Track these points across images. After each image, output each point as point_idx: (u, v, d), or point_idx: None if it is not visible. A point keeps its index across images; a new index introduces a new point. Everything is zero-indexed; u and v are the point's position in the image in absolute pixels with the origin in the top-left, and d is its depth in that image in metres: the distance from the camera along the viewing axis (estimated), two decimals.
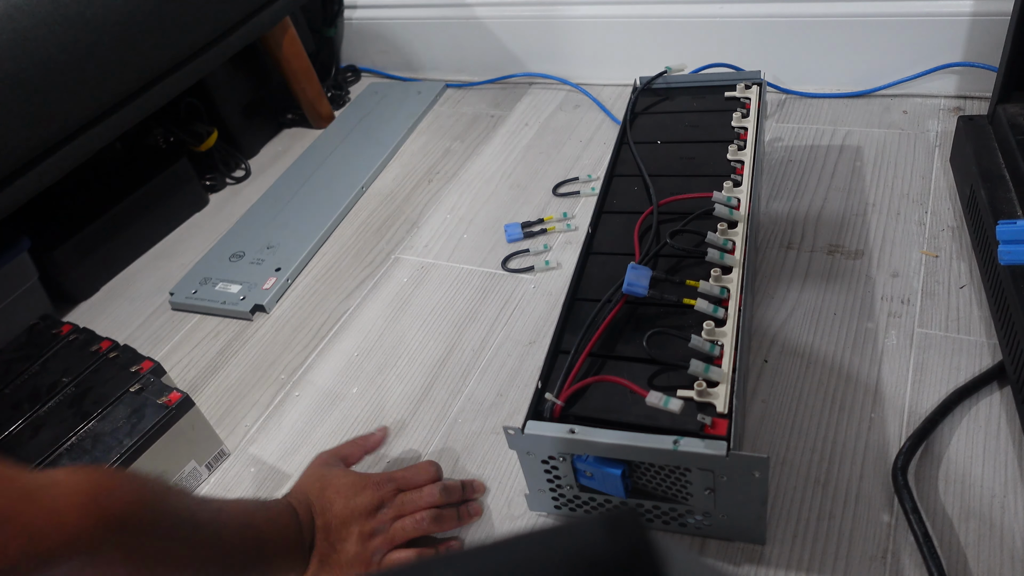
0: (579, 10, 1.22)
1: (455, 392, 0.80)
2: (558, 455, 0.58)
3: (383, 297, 0.95)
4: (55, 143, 0.88)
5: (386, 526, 0.63)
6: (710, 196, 0.72)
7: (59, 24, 0.83)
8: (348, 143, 1.26)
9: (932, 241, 0.83)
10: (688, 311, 0.62)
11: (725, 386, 0.56)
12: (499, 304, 0.89)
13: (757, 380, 0.73)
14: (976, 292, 0.76)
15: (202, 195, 1.22)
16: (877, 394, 0.70)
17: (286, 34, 1.25)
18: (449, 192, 1.11)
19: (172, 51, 0.99)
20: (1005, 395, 0.67)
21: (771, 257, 0.86)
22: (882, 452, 0.65)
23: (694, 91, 0.91)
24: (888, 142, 0.99)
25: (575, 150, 1.13)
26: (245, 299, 0.97)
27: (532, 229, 0.98)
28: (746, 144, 0.79)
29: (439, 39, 1.38)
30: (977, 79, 1.03)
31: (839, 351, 0.74)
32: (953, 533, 0.59)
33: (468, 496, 0.68)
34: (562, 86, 1.29)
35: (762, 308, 0.80)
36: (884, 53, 1.06)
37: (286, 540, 0.59)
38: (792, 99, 1.12)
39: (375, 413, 0.80)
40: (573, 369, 0.60)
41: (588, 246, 0.73)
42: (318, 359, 0.88)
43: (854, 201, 0.91)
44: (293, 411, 0.83)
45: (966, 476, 0.62)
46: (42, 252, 1.01)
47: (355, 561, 0.62)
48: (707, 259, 0.66)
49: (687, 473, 0.56)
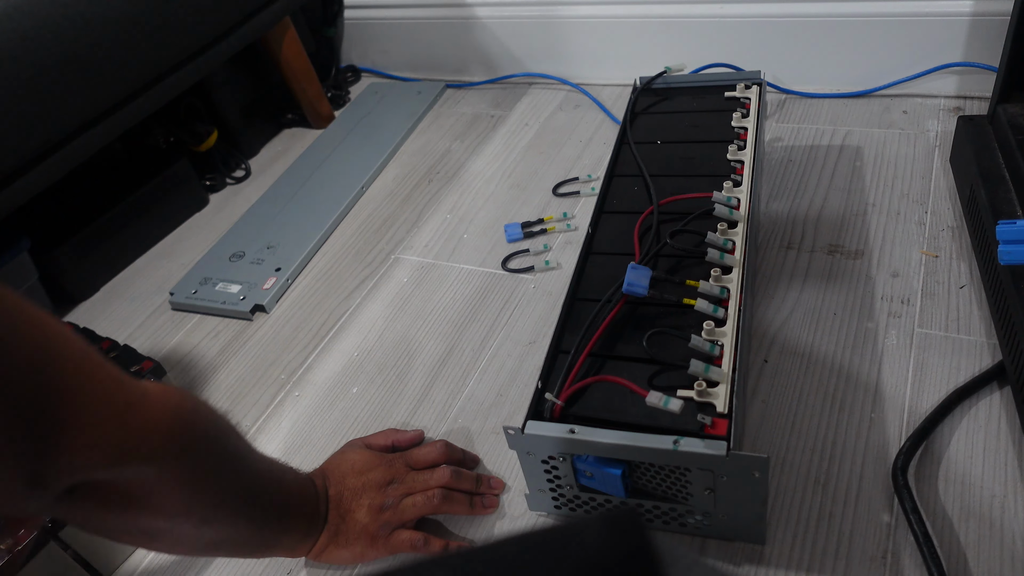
0: (579, 10, 1.22)
1: (455, 392, 0.80)
2: (558, 455, 0.58)
3: (383, 297, 0.95)
4: (55, 143, 0.88)
5: (395, 500, 0.65)
6: (710, 196, 0.72)
7: (59, 24, 0.83)
8: (348, 143, 1.26)
9: (932, 241, 0.83)
10: (688, 311, 0.62)
11: (725, 386, 0.56)
12: (499, 304, 0.89)
13: (757, 380, 0.73)
14: (976, 292, 0.76)
15: (202, 195, 1.22)
16: (877, 394, 0.70)
17: (286, 34, 1.25)
18: (449, 192, 1.11)
19: (172, 51, 0.99)
20: (1005, 395, 0.67)
21: (771, 257, 0.86)
22: (882, 452, 0.65)
23: (694, 91, 0.91)
24: (888, 142, 0.99)
25: (575, 150, 1.13)
26: (245, 299, 0.97)
27: (532, 229, 0.98)
28: (746, 144, 0.79)
29: (439, 39, 1.38)
30: (977, 79, 1.03)
31: (839, 351, 0.74)
32: (953, 533, 0.59)
33: (485, 490, 0.68)
34: (562, 86, 1.29)
35: (762, 308, 0.80)
36: (884, 53, 1.06)
37: (306, 507, 0.62)
38: (792, 99, 1.12)
39: (375, 413, 0.80)
40: (573, 369, 0.60)
41: (588, 246, 0.73)
42: (318, 359, 0.88)
43: (854, 201, 0.91)
44: (293, 411, 0.83)
45: (966, 476, 0.62)
46: (42, 252, 1.01)
47: (363, 533, 0.63)
48: (707, 259, 0.66)
49: (687, 473, 0.56)
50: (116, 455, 0.42)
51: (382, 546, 0.64)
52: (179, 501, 0.48)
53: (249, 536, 0.56)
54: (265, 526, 0.57)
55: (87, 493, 0.43)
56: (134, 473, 0.44)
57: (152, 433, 0.44)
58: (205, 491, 0.50)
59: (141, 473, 0.45)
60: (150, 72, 0.97)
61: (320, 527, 0.63)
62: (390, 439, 0.72)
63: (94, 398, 0.41)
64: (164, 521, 0.48)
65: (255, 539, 0.57)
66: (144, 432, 0.44)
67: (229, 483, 0.52)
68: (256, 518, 0.56)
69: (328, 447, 0.76)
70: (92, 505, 0.44)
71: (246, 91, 1.29)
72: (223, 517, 0.52)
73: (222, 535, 0.53)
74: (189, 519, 0.49)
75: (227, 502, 0.52)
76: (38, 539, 0.63)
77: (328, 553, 0.63)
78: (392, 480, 0.66)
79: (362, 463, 0.67)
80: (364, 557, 0.64)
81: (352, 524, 0.64)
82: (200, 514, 0.50)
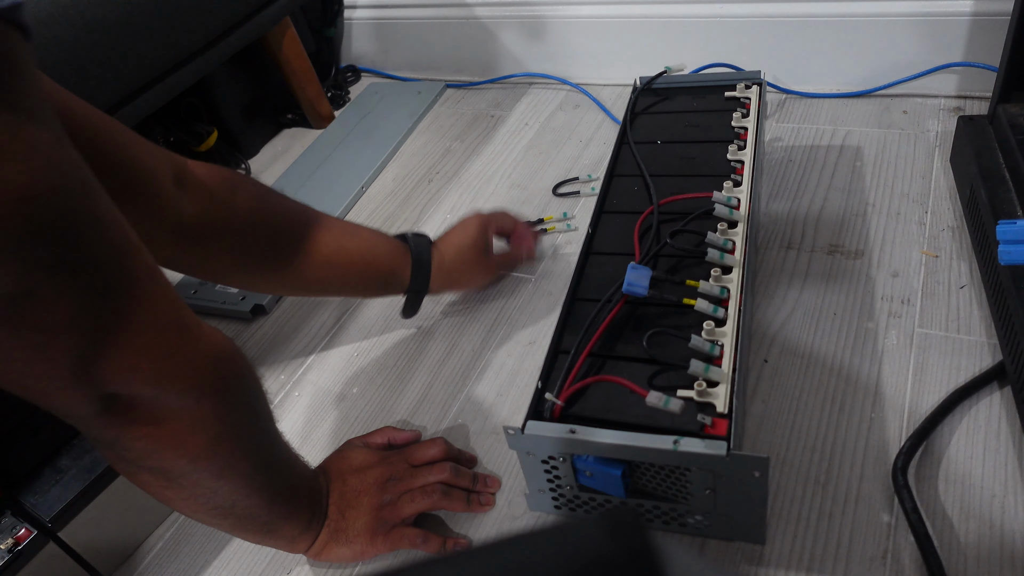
0: (579, 10, 1.22)
1: (455, 392, 0.80)
2: (558, 455, 0.58)
3: (383, 297, 0.95)
4: None
5: (395, 498, 0.65)
6: (710, 196, 0.72)
7: (58, 24, 0.83)
8: (348, 143, 1.26)
9: (932, 241, 0.83)
10: (688, 311, 0.62)
11: (725, 386, 0.56)
12: (499, 304, 0.89)
13: (757, 380, 0.73)
14: (976, 292, 0.76)
15: None
16: (877, 394, 0.70)
17: (286, 34, 1.25)
18: (449, 192, 1.11)
19: (172, 51, 0.99)
20: (1005, 395, 0.67)
21: (771, 257, 0.86)
22: (882, 452, 0.65)
23: (694, 91, 0.91)
24: (888, 142, 0.99)
25: (575, 150, 1.13)
26: (245, 299, 0.97)
27: (532, 229, 0.98)
28: (746, 144, 0.79)
29: (439, 39, 1.38)
30: (977, 79, 1.03)
31: (839, 351, 0.74)
32: (953, 533, 0.59)
33: (482, 488, 0.69)
34: (562, 86, 1.29)
35: (762, 308, 0.80)
36: (884, 53, 1.06)
37: (312, 496, 0.63)
38: (792, 99, 1.12)
39: (375, 413, 0.80)
40: (573, 369, 0.60)
41: (588, 246, 0.73)
42: (318, 359, 0.88)
43: (854, 201, 0.91)
44: (293, 411, 0.83)
45: (966, 476, 0.62)
46: None
47: (363, 530, 0.64)
48: (707, 259, 0.66)
49: (687, 473, 0.56)
50: (161, 372, 0.44)
51: (381, 543, 0.64)
52: (205, 441, 0.49)
53: (257, 509, 0.57)
54: (274, 503, 0.58)
55: (123, 409, 0.45)
56: (172, 399, 0.46)
57: (197, 361, 0.46)
58: (231, 438, 0.51)
59: (177, 402, 0.46)
60: (150, 72, 0.97)
61: (321, 522, 0.64)
62: (387, 437, 0.73)
63: (158, 307, 0.44)
64: (186, 462, 0.49)
65: (262, 515, 0.57)
66: (190, 358, 0.46)
67: (253, 439, 0.54)
68: (267, 490, 0.56)
69: (328, 447, 0.76)
70: (124, 423, 0.46)
71: (246, 91, 1.29)
72: (240, 475, 0.53)
73: (233, 498, 0.54)
74: (210, 466, 0.51)
75: (248, 459, 0.53)
76: (38, 539, 0.63)
77: (328, 551, 0.64)
78: (391, 477, 0.66)
79: (361, 461, 0.68)
80: (364, 555, 0.64)
81: (352, 521, 0.64)
82: (221, 462, 0.51)
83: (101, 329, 0.41)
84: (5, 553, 0.61)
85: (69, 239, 0.39)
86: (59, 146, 0.38)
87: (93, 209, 0.40)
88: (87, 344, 0.41)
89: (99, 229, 0.40)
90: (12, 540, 0.62)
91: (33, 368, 0.41)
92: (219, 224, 0.65)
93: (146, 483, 0.51)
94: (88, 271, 0.40)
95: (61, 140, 0.39)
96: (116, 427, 0.46)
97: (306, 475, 0.63)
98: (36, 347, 0.39)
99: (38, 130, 0.37)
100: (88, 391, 0.43)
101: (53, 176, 0.37)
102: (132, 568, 0.71)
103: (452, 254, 0.82)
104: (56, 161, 0.38)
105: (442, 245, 0.82)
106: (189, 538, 0.72)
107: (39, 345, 0.39)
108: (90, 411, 0.44)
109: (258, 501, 0.56)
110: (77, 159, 0.40)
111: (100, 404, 0.44)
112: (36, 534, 0.63)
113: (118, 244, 0.42)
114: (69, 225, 0.38)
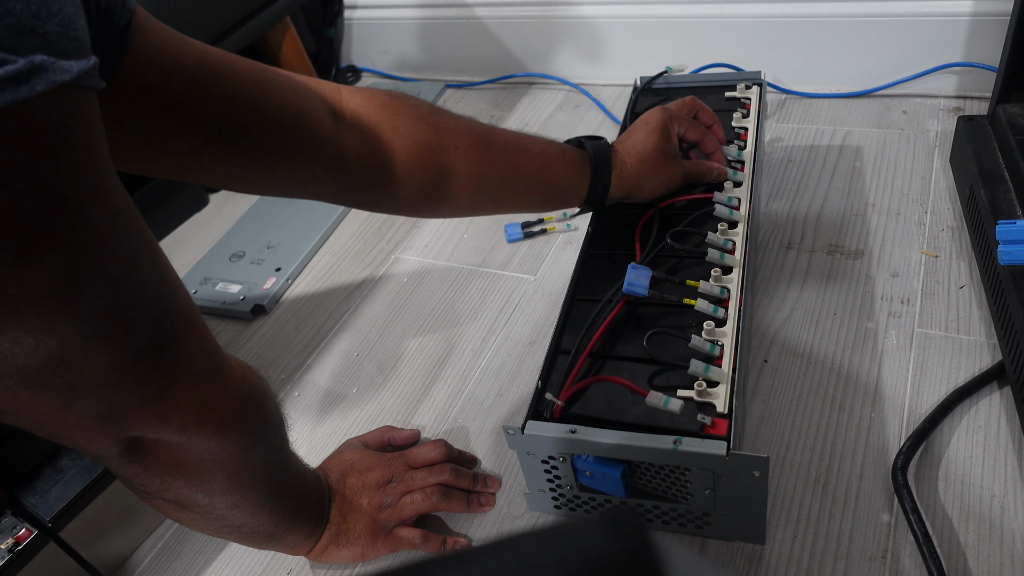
0: (579, 10, 1.22)
1: (455, 392, 0.80)
2: (558, 455, 0.58)
3: (383, 297, 0.95)
4: None
5: (395, 499, 0.65)
6: (710, 196, 0.72)
7: None
8: None
9: (932, 241, 0.83)
10: (688, 311, 0.62)
11: (725, 386, 0.56)
12: (499, 304, 0.89)
13: (757, 380, 0.73)
14: (976, 292, 0.76)
15: (202, 195, 1.22)
16: (877, 394, 0.70)
17: (286, 34, 1.25)
18: None
19: None
20: (1005, 395, 0.67)
21: (771, 257, 0.86)
22: (882, 452, 0.65)
23: (694, 91, 0.90)
24: (888, 142, 0.99)
25: None
26: (245, 299, 0.97)
27: (532, 229, 0.98)
28: (746, 144, 0.79)
29: (439, 39, 1.38)
30: (977, 79, 1.03)
31: (839, 351, 0.74)
32: (953, 533, 0.59)
33: (482, 488, 0.69)
34: (562, 86, 1.29)
35: (762, 308, 0.80)
36: (884, 53, 1.06)
37: (317, 505, 0.63)
38: (792, 99, 1.12)
39: (375, 413, 0.80)
40: (573, 369, 0.60)
41: (588, 246, 0.73)
42: (318, 359, 0.88)
43: (854, 201, 0.91)
44: (293, 411, 0.83)
45: (966, 476, 0.62)
46: None
47: (363, 532, 0.64)
48: (707, 259, 0.66)
49: (687, 473, 0.56)
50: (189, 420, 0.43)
51: (382, 544, 0.64)
52: (223, 480, 0.49)
53: (266, 526, 0.57)
54: (283, 519, 0.58)
55: (145, 450, 0.45)
56: (196, 443, 0.45)
57: (225, 407, 0.45)
58: (248, 474, 0.51)
59: (201, 445, 0.46)
60: None
61: (323, 526, 0.64)
62: (385, 436, 0.73)
63: (192, 359, 0.42)
64: (203, 496, 0.49)
65: (269, 529, 0.58)
66: (219, 405, 0.45)
67: (269, 468, 0.54)
68: (278, 509, 0.57)
69: (328, 447, 0.76)
70: (145, 463, 0.45)
71: None
72: (254, 504, 0.53)
73: (243, 521, 0.54)
74: (225, 500, 0.51)
75: (262, 488, 0.53)
76: (38, 539, 0.63)
77: (329, 552, 0.64)
78: (391, 479, 0.66)
79: (361, 462, 0.68)
80: (364, 556, 0.64)
81: (352, 523, 0.64)
82: (236, 496, 0.51)
83: (133, 385, 0.39)
84: (5, 553, 0.61)
85: (108, 309, 0.36)
86: (116, 219, 0.36)
87: (135, 268, 0.38)
88: (117, 399, 0.39)
89: (140, 290, 0.38)
90: (12, 540, 0.62)
91: (56, 420, 0.39)
92: (383, 159, 0.61)
93: (159, 507, 0.51)
94: (123, 333, 0.38)
95: (119, 212, 0.36)
96: (136, 465, 0.45)
97: (312, 484, 0.63)
98: (63, 404, 0.38)
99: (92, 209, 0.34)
100: (112, 437, 0.42)
101: (105, 257, 0.35)
102: (132, 568, 0.71)
103: (635, 161, 0.72)
104: (109, 239, 0.36)
105: (622, 150, 0.72)
106: (189, 538, 0.72)
107: (66, 403, 0.38)
108: (111, 452, 0.43)
109: (268, 520, 0.56)
110: (128, 221, 0.37)
111: (122, 447, 0.43)
112: (36, 534, 0.62)
113: (156, 301, 0.40)
114: (110, 296, 0.36)
